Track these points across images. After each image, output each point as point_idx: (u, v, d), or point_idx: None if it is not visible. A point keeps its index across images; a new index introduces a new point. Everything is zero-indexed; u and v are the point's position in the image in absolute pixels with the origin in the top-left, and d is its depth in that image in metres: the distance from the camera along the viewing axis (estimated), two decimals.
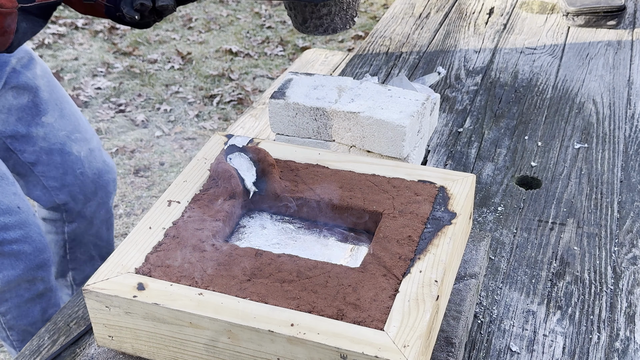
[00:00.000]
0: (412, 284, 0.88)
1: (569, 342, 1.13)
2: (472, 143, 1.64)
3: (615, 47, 2.03)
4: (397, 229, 0.97)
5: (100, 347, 0.98)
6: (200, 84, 3.49)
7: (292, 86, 1.27)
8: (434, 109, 1.32)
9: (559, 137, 1.65)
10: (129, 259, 0.93)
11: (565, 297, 1.22)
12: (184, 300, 0.86)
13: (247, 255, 0.93)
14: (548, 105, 1.78)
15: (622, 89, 1.84)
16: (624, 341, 1.14)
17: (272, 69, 3.65)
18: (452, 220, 0.99)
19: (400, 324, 0.82)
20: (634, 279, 1.26)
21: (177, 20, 4.17)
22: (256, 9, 4.32)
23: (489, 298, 1.22)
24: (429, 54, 2.04)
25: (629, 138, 1.64)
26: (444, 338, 0.99)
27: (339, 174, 1.09)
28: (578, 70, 1.93)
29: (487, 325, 1.16)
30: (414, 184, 1.06)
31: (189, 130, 3.09)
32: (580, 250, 1.32)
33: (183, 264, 0.92)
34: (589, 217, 1.40)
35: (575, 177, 1.51)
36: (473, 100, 1.81)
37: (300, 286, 0.88)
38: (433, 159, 1.58)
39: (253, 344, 0.84)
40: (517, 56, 2.01)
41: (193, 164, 1.12)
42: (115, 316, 0.90)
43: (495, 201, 1.45)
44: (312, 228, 1.05)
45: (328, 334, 0.81)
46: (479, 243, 1.16)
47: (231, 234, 1.03)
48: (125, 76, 3.54)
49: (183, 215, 1.01)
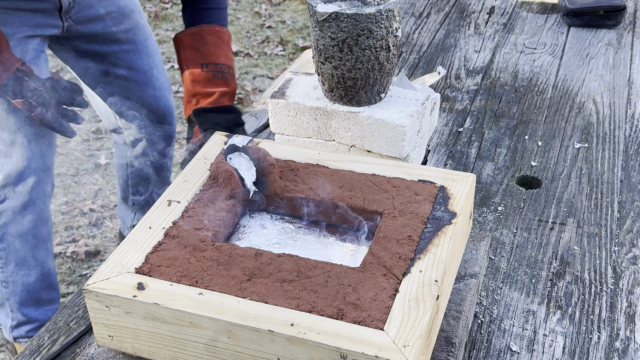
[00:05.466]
0: (412, 284, 0.88)
1: (569, 342, 1.13)
2: (472, 143, 1.64)
3: (615, 47, 2.03)
4: (397, 228, 0.97)
5: (100, 347, 0.98)
6: None
7: (292, 86, 1.27)
8: (434, 109, 1.32)
9: (559, 136, 1.65)
10: (129, 258, 0.93)
11: (565, 297, 1.22)
12: (184, 300, 0.86)
13: (247, 255, 0.93)
14: (548, 105, 1.78)
15: (622, 88, 1.84)
16: (624, 341, 1.14)
17: (272, 68, 3.65)
18: (452, 220, 0.99)
19: (400, 323, 0.82)
20: (634, 278, 1.26)
21: (177, 20, 4.17)
22: (256, 9, 4.32)
23: (489, 298, 1.22)
24: (429, 53, 2.04)
25: (629, 138, 1.64)
26: (444, 338, 0.99)
27: (339, 173, 1.09)
28: (578, 70, 1.93)
29: (487, 325, 1.16)
30: (414, 184, 1.06)
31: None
32: (580, 250, 1.32)
33: (183, 264, 0.92)
34: (589, 216, 1.40)
35: (575, 177, 1.51)
36: (473, 100, 1.81)
37: (300, 286, 0.88)
38: (433, 158, 1.58)
39: (253, 344, 0.84)
40: (517, 56, 2.01)
41: (193, 163, 1.12)
42: (115, 316, 0.90)
43: (496, 201, 1.45)
44: (312, 228, 1.05)
45: (328, 334, 0.81)
46: (479, 243, 1.16)
47: (231, 234, 1.03)
48: None
49: (183, 215, 1.01)
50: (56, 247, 2.41)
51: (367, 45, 1.12)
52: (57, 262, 2.37)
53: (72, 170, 2.81)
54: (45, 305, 1.79)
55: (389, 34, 1.13)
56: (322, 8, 1.11)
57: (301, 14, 4.26)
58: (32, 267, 1.73)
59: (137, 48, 1.75)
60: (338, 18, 1.10)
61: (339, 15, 1.10)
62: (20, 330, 1.79)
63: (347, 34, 1.11)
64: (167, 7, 4.31)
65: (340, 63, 1.15)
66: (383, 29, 1.12)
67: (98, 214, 2.56)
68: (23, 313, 1.78)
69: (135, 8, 1.74)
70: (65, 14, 1.60)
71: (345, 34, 1.12)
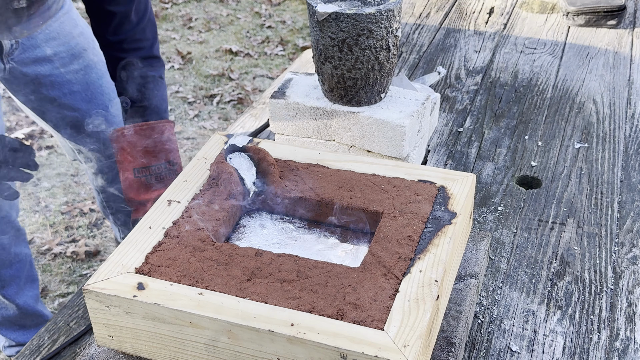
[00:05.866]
0: (412, 284, 0.88)
1: (569, 341, 1.13)
2: (472, 143, 1.64)
3: (615, 47, 2.03)
4: (397, 228, 0.97)
5: (100, 347, 0.98)
6: (200, 83, 3.49)
7: (292, 86, 1.27)
8: (434, 109, 1.32)
9: (559, 136, 1.65)
10: (129, 258, 0.93)
11: (565, 297, 1.22)
12: (184, 300, 0.86)
13: (247, 255, 0.93)
14: (548, 105, 1.78)
15: (622, 88, 1.84)
16: (624, 341, 1.14)
17: (272, 68, 3.65)
18: (452, 220, 0.99)
19: (400, 323, 0.82)
20: (634, 278, 1.26)
21: (177, 19, 4.17)
22: (256, 9, 4.31)
23: (489, 298, 1.21)
24: (429, 53, 2.04)
25: (629, 138, 1.64)
26: (444, 338, 0.99)
27: (339, 173, 1.09)
28: (578, 70, 1.93)
29: (487, 325, 1.16)
30: (414, 184, 1.06)
31: (189, 130, 3.09)
32: (580, 250, 1.32)
33: (183, 264, 0.92)
34: (589, 216, 1.40)
35: (575, 177, 1.51)
36: (473, 100, 1.81)
37: (300, 286, 0.88)
38: (433, 158, 1.58)
39: (253, 344, 0.84)
40: (517, 56, 2.01)
41: (193, 163, 1.12)
42: (115, 316, 0.90)
43: (496, 201, 1.45)
44: (312, 228, 1.05)
45: (328, 334, 0.81)
46: (479, 243, 1.16)
47: (231, 234, 1.03)
48: None
49: (183, 215, 1.01)
50: (56, 247, 2.41)
51: (367, 45, 1.12)
52: (57, 262, 2.37)
53: (72, 170, 2.82)
54: (32, 329, 1.82)
55: (389, 34, 1.13)
56: (322, 8, 1.11)
57: (301, 14, 4.26)
58: (7, 305, 1.75)
59: (89, 88, 1.62)
60: (338, 18, 1.10)
61: (339, 15, 1.10)
62: (12, 350, 1.84)
63: (347, 34, 1.11)
64: (167, 7, 4.31)
65: (340, 63, 1.15)
66: (383, 29, 1.12)
67: (98, 214, 2.56)
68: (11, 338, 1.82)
69: (88, 46, 1.61)
70: (7, 56, 1.47)
71: (345, 34, 1.12)
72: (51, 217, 2.56)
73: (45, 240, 2.44)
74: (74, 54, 1.59)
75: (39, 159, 2.84)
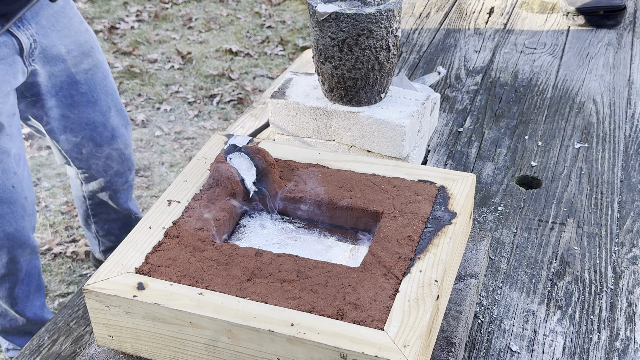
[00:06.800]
0: (412, 284, 0.88)
1: (569, 341, 1.13)
2: (472, 143, 1.64)
3: (615, 47, 2.03)
4: (397, 228, 0.97)
5: (100, 347, 0.98)
6: (200, 83, 3.49)
7: (292, 86, 1.27)
8: (434, 109, 1.32)
9: (559, 136, 1.65)
10: (129, 258, 0.93)
11: (565, 297, 1.22)
12: (184, 300, 0.86)
13: (247, 255, 0.93)
14: (548, 105, 1.78)
15: (622, 88, 1.84)
16: (624, 341, 1.14)
17: (272, 68, 3.65)
18: (452, 220, 0.99)
19: (400, 323, 0.82)
20: (634, 278, 1.26)
21: (177, 19, 4.17)
22: (256, 9, 4.31)
23: (489, 298, 1.21)
24: (429, 53, 2.04)
25: (629, 138, 1.64)
26: (444, 338, 0.99)
27: (339, 173, 1.09)
28: (578, 70, 1.93)
29: (487, 325, 1.16)
30: (414, 184, 1.06)
31: (189, 130, 3.09)
32: (580, 250, 1.32)
33: (183, 264, 0.92)
34: (589, 216, 1.40)
35: (575, 177, 1.51)
36: (473, 100, 1.81)
37: (300, 286, 0.88)
38: (433, 158, 1.58)
39: (253, 344, 0.84)
40: (517, 56, 2.01)
41: (193, 163, 1.12)
42: (115, 316, 0.90)
43: (496, 201, 1.45)
44: (312, 228, 1.05)
45: (328, 334, 0.81)
46: (479, 243, 1.16)
47: (231, 234, 1.03)
48: (125, 76, 3.54)
49: (183, 215, 1.01)
50: (56, 247, 2.41)
51: (367, 45, 1.12)
52: (57, 262, 2.37)
53: None
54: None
55: (389, 34, 1.13)
56: (322, 8, 1.11)
57: (301, 14, 4.26)
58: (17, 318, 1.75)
59: (95, 89, 1.65)
60: (338, 18, 1.10)
61: (339, 15, 1.10)
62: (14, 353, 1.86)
63: (347, 34, 1.11)
64: (167, 7, 4.31)
65: (340, 63, 1.15)
66: (383, 29, 1.12)
67: None
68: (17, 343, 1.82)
69: (94, 44, 1.64)
70: (27, 58, 1.48)
71: (345, 34, 1.12)
72: (51, 217, 2.56)
73: (45, 240, 2.44)
74: (84, 51, 1.60)
75: (39, 159, 2.85)
